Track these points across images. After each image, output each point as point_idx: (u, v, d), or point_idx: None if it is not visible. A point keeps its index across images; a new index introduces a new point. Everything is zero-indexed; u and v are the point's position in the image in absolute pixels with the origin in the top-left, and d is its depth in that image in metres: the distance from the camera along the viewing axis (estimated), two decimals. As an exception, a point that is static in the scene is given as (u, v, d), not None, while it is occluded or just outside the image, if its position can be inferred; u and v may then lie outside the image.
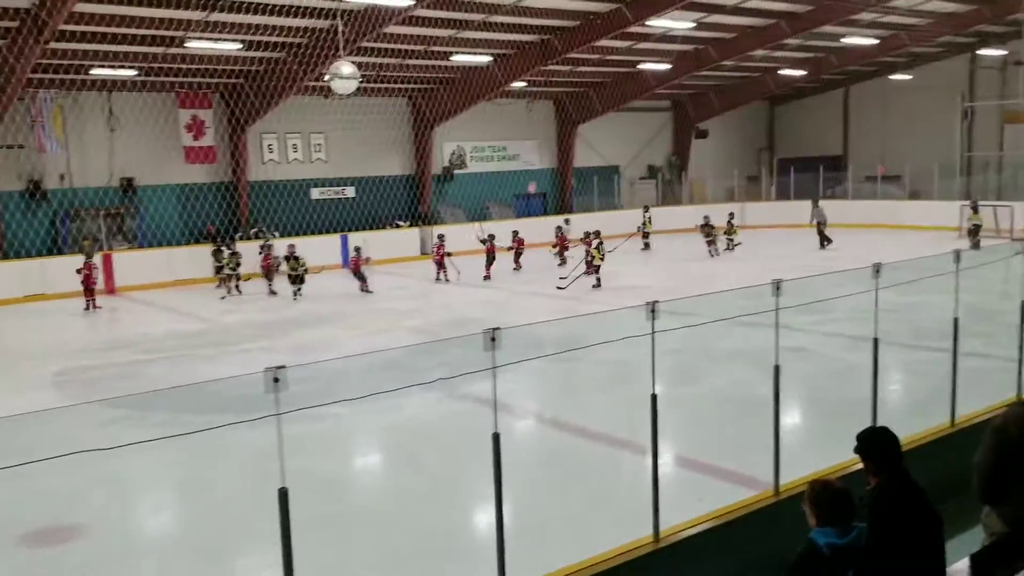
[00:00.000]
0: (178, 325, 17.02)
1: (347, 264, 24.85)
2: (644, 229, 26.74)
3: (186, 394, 10.38)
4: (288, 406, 4.10)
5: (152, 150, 23.36)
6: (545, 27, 23.52)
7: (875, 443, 3.98)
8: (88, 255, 19.81)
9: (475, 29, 22.47)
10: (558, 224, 24.92)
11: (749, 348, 11.99)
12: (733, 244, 25.38)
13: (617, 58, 27.57)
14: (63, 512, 7.50)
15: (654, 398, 5.46)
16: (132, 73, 21.54)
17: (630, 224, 27.39)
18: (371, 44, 21.27)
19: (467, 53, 24.29)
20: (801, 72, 32.34)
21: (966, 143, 31.71)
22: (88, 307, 19.13)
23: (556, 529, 6.68)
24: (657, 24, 23.13)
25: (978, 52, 32.40)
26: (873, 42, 28.67)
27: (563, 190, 32.87)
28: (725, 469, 7.68)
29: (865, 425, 4.40)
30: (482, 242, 21.85)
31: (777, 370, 6.16)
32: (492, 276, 21.36)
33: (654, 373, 5.38)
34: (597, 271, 19.61)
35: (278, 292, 20.25)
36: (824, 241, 25.17)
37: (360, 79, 17.45)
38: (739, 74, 32.80)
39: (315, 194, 26.90)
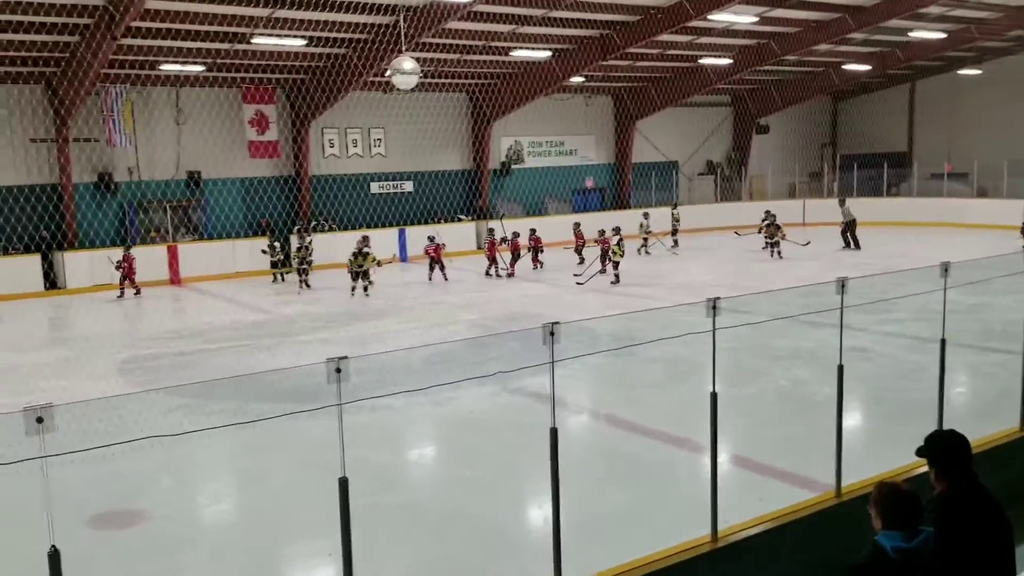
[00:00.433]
0: (239, 316, 17.37)
1: (405, 258, 25.19)
2: (642, 234, 25.14)
3: (247, 383, 10.60)
4: (346, 397, 4.16)
5: (217, 144, 23.81)
6: (605, 22, 23.40)
7: (944, 446, 3.86)
8: (127, 247, 20.61)
9: (535, 24, 22.46)
10: (575, 222, 24.48)
11: (808, 347, 11.86)
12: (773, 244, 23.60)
13: (677, 53, 27.32)
14: (128, 496, 7.70)
15: (714, 396, 5.40)
16: (199, 68, 22.03)
17: (685, 221, 27.16)
18: (432, 39, 21.41)
19: (527, 48, 24.30)
20: (866, 67, 31.63)
21: (1037, 139, 30.74)
22: (122, 295, 19.94)
23: (611, 526, 6.64)
24: (719, 18, 22.87)
25: (1050, 46, 31.39)
26: (941, 36, 27.91)
27: (621, 186, 32.69)
28: (783, 470, 7.56)
29: (930, 428, 4.29)
30: (503, 240, 21.94)
31: (840, 370, 6.04)
32: (516, 273, 21.55)
33: (715, 370, 5.32)
34: (616, 267, 19.62)
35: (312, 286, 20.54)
36: (851, 243, 24.41)
37: (420, 74, 17.57)
38: (802, 69, 32.22)
39: (375, 188, 27.18)
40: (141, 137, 23.14)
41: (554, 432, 4.72)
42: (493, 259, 21.72)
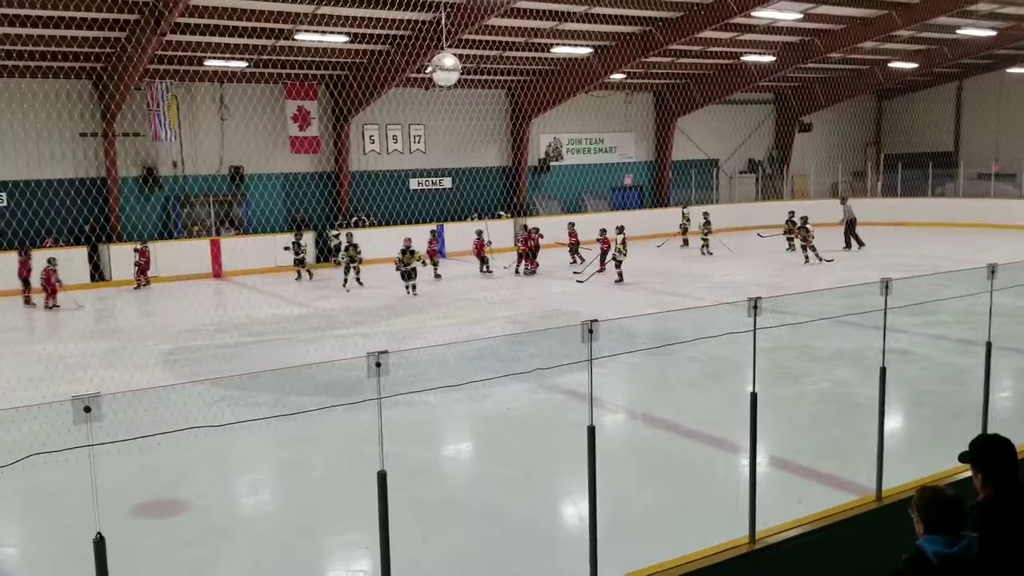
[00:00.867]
0: (279, 309, 17.57)
1: (444, 254, 25.27)
2: (684, 225, 26.44)
3: (288, 376, 10.72)
4: (385, 391, 4.19)
5: (260, 140, 24.08)
6: (647, 18, 23.25)
7: (989, 451, 3.79)
8: (144, 242, 21.36)
9: (576, 21, 22.38)
10: (570, 221, 24.40)
11: (849, 348, 11.73)
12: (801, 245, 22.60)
13: (719, 49, 27.05)
14: (170, 485, 7.83)
15: (754, 396, 5.36)
16: (243, 64, 22.29)
17: (726, 219, 26.89)
18: (472, 36, 21.43)
19: (568, 45, 24.22)
20: (912, 65, 31.06)
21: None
22: (139, 286, 20.82)
23: (647, 525, 6.63)
24: (762, 15, 22.61)
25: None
26: (990, 34, 27.31)
27: (660, 183, 32.51)
28: (822, 472, 7.49)
29: (974, 433, 4.22)
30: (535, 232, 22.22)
31: (883, 372, 5.97)
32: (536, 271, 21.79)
33: (755, 371, 5.28)
34: (619, 266, 19.58)
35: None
36: (853, 242, 24.13)
37: (461, 71, 17.60)
38: (846, 66, 31.74)
39: (413, 184, 27.33)
40: (185, 132, 23.49)
41: (591, 430, 4.72)
42: (522, 256, 21.85)
